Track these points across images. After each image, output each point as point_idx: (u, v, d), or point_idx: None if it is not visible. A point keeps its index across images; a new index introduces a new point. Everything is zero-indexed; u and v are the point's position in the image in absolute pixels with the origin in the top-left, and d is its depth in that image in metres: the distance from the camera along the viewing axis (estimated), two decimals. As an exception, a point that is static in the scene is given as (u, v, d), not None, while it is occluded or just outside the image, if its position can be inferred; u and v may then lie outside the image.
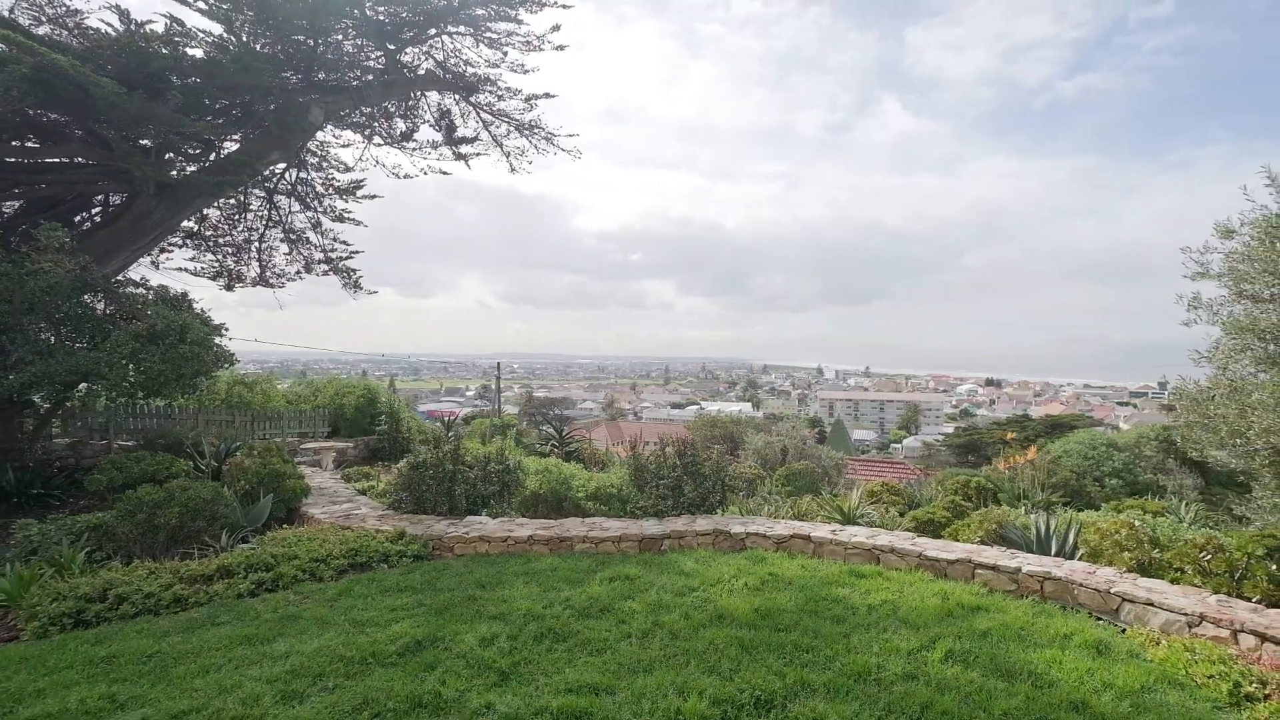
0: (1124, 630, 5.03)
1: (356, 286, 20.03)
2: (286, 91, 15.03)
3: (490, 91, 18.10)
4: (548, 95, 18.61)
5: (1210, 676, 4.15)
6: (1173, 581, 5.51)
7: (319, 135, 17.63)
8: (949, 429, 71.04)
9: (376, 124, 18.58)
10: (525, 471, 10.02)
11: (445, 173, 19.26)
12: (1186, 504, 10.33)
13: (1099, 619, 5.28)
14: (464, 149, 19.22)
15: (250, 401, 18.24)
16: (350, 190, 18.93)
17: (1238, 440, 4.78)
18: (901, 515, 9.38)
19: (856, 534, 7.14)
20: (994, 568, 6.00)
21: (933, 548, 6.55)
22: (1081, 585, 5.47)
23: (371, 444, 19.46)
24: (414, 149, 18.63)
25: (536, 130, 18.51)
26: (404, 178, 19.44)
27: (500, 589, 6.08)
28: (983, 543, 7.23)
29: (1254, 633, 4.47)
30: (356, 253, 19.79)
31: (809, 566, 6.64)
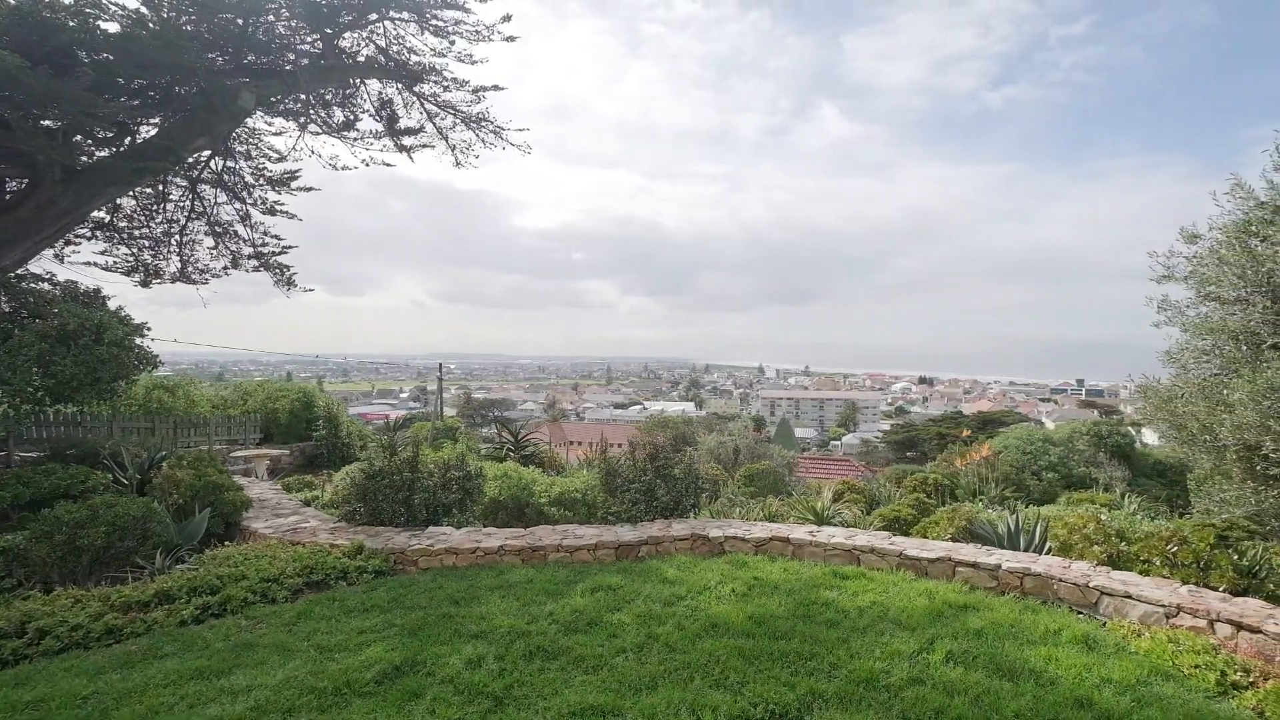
0: (1104, 624, 5.15)
1: (290, 284, 18.90)
2: (213, 73, 13.97)
3: (435, 82, 17.38)
4: (497, 88, 18.03)
5: (1196, 667, 4.27)
6: (1142, 573, 5.71)
7: (250, 122, 16.53)
8: (885, 426, 73.72)
9: (312, 112, 17.57)
10: (485, 478, 9.61)
11: (389, 164, 18.39)
12: (1131, 497, 10.91)
13: (1079, 613, 5.40)
14: (407, 141, 18.39)
15: (172, 407, 16.98)
16: (283, 181, 17.82)
17: (1206, 437, 4.97)
18: (866, 513, 9.48)
19: (835, 535, 7.13)
20: (974, 565, 6.07)
21: (912, 547, 6.59)
22: (1060, 580, 5.59)
23: (308, 451, 18.45)
24: (355, 139, 17.73)
25: (484, 123, 17.89)
26: (342, 169, 18.50)
27: (476, 605, 5.72)
28: (953, 540, 7.34)
29: (1229, 621, 4.64)
30: (290, 248, 18.67)
31: (791, 569, 6.56)
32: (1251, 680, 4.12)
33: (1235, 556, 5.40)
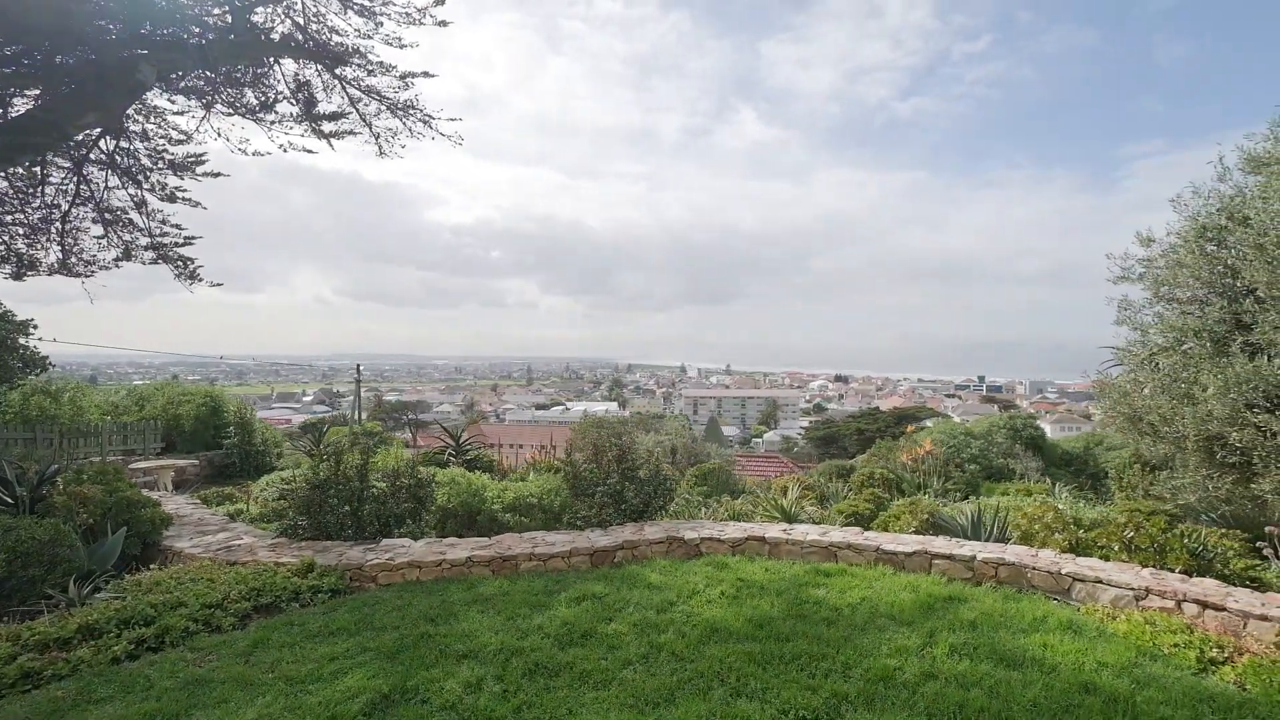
0: (1079, 608, 5.40)
1: (193, 278, 17.26)
2: (106, 43, 12.56)
3: (359, 65, 16.38)
4: (426, 74, 17.16)
5: (1176, 646, 4.52)
6: (1102, 558, 6.04)
7: (150, 99, 15.00)
8: (804, 423, 76.39)
9: (220, 91, 16.16)
10: (438, 485, 9.09)
11: (310, 151, 17.13)
12: (1060, 486, 11.65)
13: (1053, 599, 5.64)
14: (327, 127, 17.25)
15: (56, 414, 15.18)
16: (186, 165, 16.28)
17: (1167, 429, 5.30)
18: (821, 509, 9.64)
19: (810, 532, 7.17)
20: (949, 557, 6.24)
21: (887, 542, 6.71)
22: (1033, 569, 5.83)
23: (217, 460, 17.00)
24: (272, 122, 16.45)
25: (413, 111, 17.03)
26: (254, 154, 17.12)
27: (455, 622, 5.33)
28: (918, 532, 7.56)
29: (1195, 601, 4.95)
30: (194, 238, 17.11)
31: (772, 569, 6.53)
32: (1227, 656, 4.39)
33: (1185, 540, 5.80)
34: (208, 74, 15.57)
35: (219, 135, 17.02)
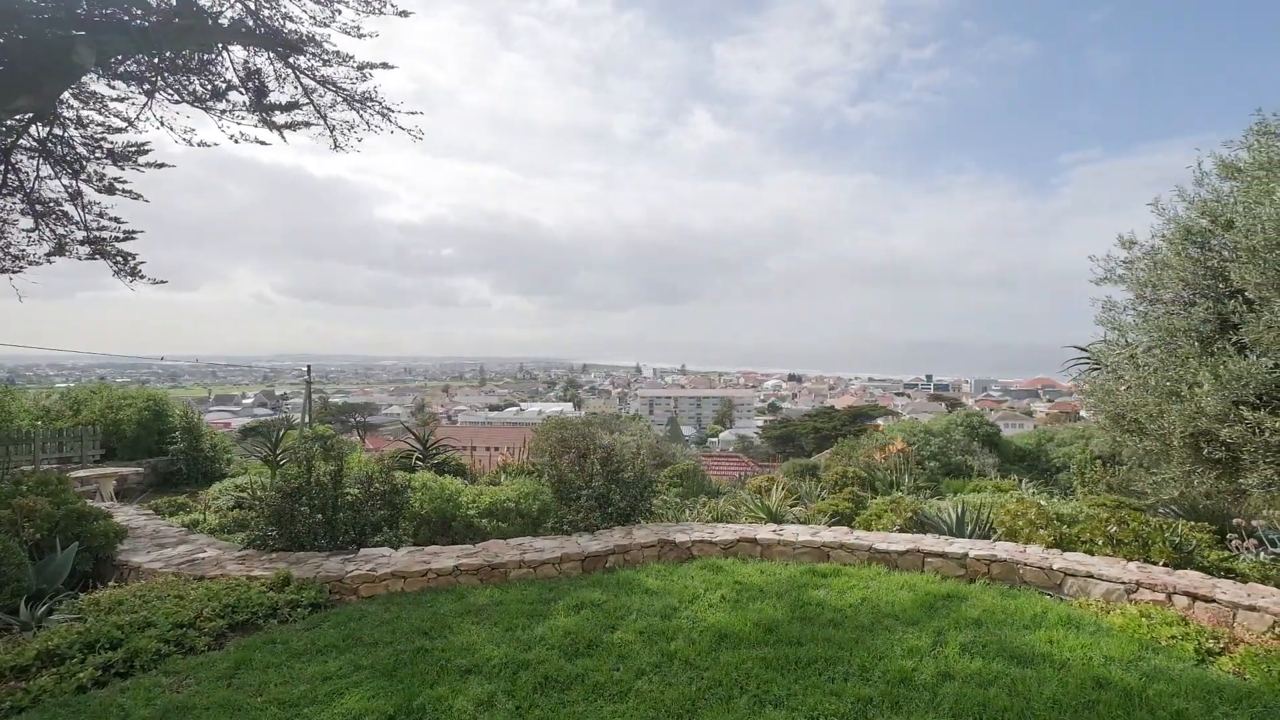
0: (1074, 603, 5.52)
1: (134, 274, 16.22)
2: (39, 21, 11.67)
3: (314, 54, 15.69)
4: (385, 66, 16.56)
5: (1173, 638, 4.65)
6: (1087, 553, 6.20)
7: (90, 84, 14.03)
8: (759, 422, 77.41)
9: (164, 77, 15.23)
10: (413, 491, 8.75)
11: (263, 142, 16.38)
12: (1024, 482, 12.02)
13: (1046, 594, 5.76)
14: (279, 118, 16.46)
15: (-19, 420, 14.11)
16: (127, 155, 15.30)
17: (1152, 426, 5.47)
18: (805, 508, 9.68)
19: (800, 533, 7.16)
20: (942, 555, 6.31)
21: (879, 541, 6.75)
22: (1026, 564, 5.94)
23: (162, 467, 16.08)
24: (223, 111, 15.58)
25: (371, 103, 16.42)
26: (200, 145, 16.21)
27: (451, 635, 5.09)
28: (902, 530, 7.64)
29: (1185, 593, 5.12)
30: (134, 233, 16.07)
31: (768, 571, 6.49)
32: (1223, 647, 4.54)
33: (1165, 533, 6.00)
34: (150, 59, 14.66)
35: (161, 124, 16.01)
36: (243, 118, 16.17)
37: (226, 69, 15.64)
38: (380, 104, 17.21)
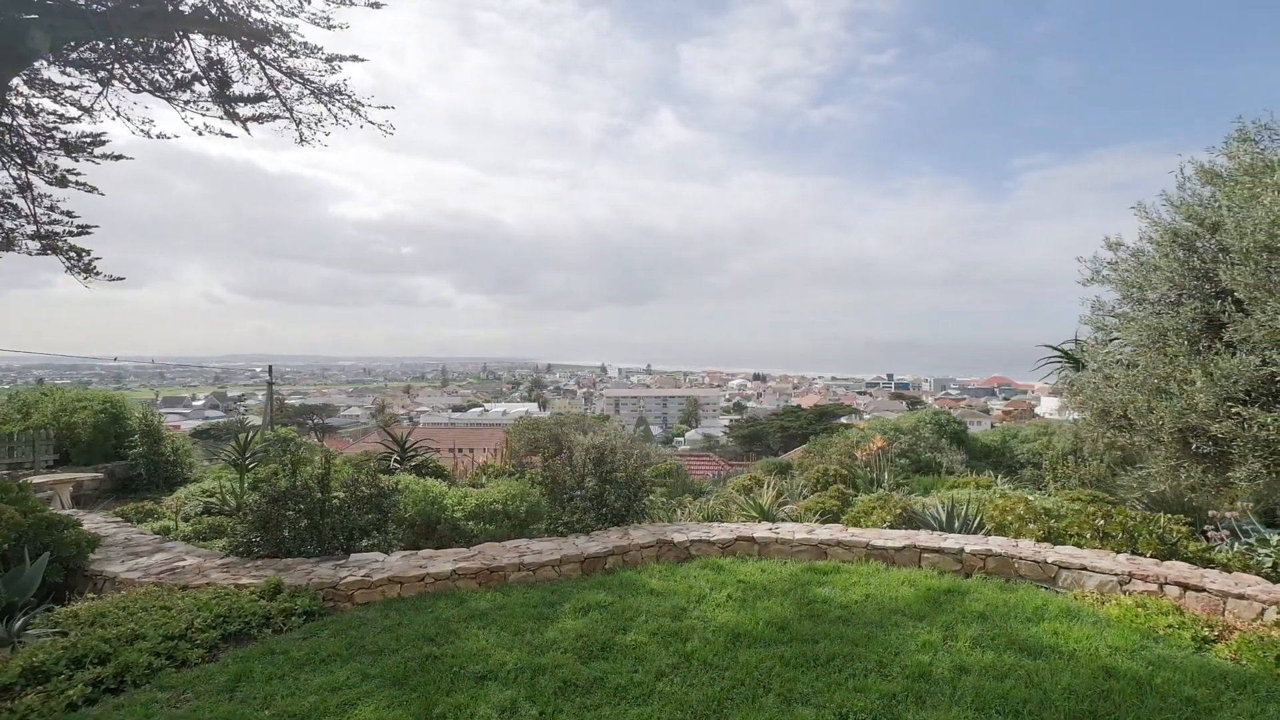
0: (1071, 595, 5.67)
1: (89, 271, 15.46)
2: (-12, 4, 11.01)
3: (281, 45, 15.15)
4: (356, 58, 16.08)
5: (1170, 627, 4.82)
6: (1077, 546, 6.39)
7: (43, 71, 13.30)
8: (725, 421, 77.99)
9: (123, 65, 14.53)
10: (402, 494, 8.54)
11: (228, 135, 15.74)
12: (999, 478, 12.33)
13: (1041, 587, 5.91)
14: (243, 110, 15.85)
15: (-77, 424, 13.33)
16: (81, 146, 14.57)
17: (1141, 422, 5.67)
18: (794, 506, 9.76)
19: (796, 531, 7.21)
20: (938, 551, 6.43)
21: (875, 538, 6.84)
22: (1021, 558, 6.09)
23: (120, 472, 15.41)
24: (186, 102, 14.92)
25: (340, 96, 15.92)
26: (159, 137, 15.51)
27: (458, 640, 4.97)
28: (892, 526, 7.77)
29: (1177, 583, 5.31)
30: (89, 227, 15.34)
31: (768, 569, 6.52)
32: (1218, 634, 4.72)
33: (1150, 526, 6.23)
34: (107, 45, 13.97)
35: (118, 114, 15.27)
36: (207, 109, 15.51)
37: (187, 58, 14.97)
38: (350, 97, 16.69)
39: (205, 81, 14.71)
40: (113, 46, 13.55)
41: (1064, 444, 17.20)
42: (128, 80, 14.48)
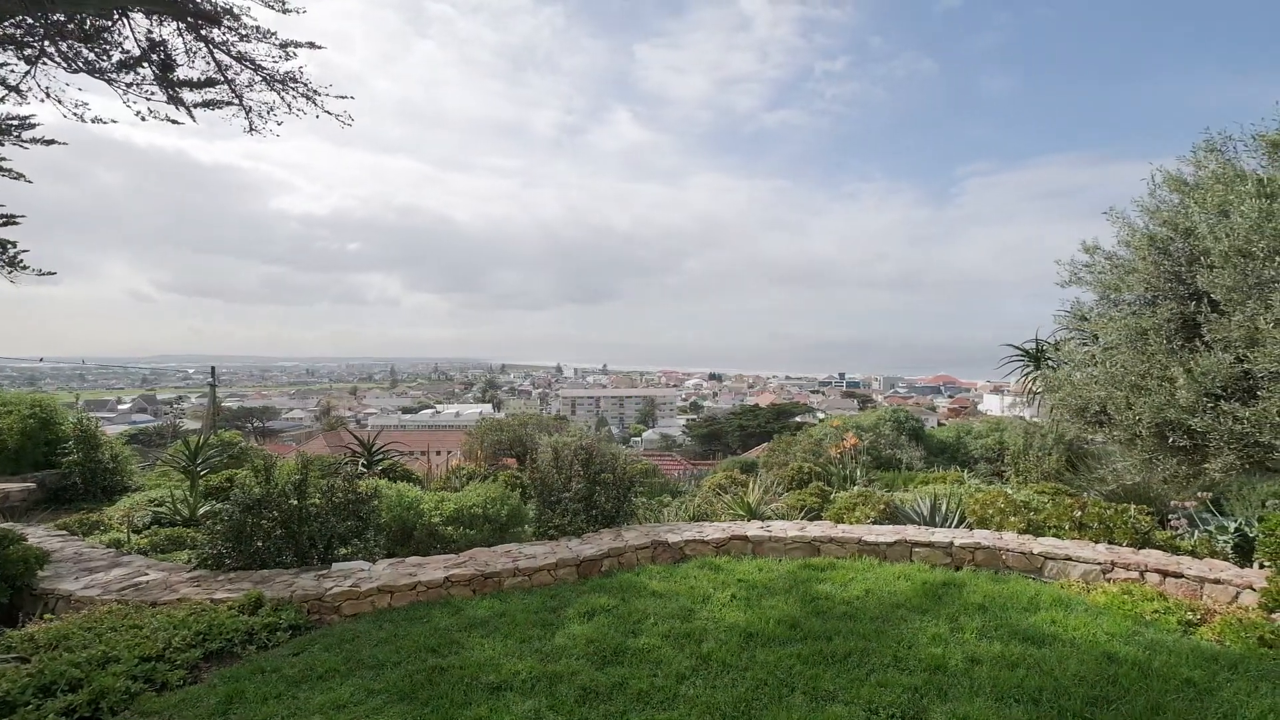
0: (1059, 585, 5.88)
1: (14, 265, 14.41)
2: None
3: (231, 28, 14.41)
4: (312, 45, 15.43)
5: (1156, 613, 5.04)
6: (1057, 538, 6.64)
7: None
8: (682, 421, 78.49)
9: (51, 43, 13.57)
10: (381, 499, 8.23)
11: (175, 121, 14.88)
12: (966, 473, 12.73)
13: (1028, 577, 6.12)
14: (189, 95, 15.02)
15: None
16: (8, 129, 13.54)
17: (1120, 417, 5.93)
18: (778, 504, 9.85)
19: (788, 529, 7.27)
20: (929, 545, 6.58)
21: (866, 533, 6.96)
22: (1008, 550, 6.29)
23: (51, 481, 14.38)
24: (129, 84, 14.02)
25: (295, 84, 15.24)
26: (95, 121, 14.54)
27: (462, 650, 4.80)
28: (876, 522, 7.91)
29: (1156, 571, 5.57)
30: (15, 218, 14.28)
31: (765, 568, 6.54)
32: (1201, 618, 4.97)
33: (1123, 517, 6.52)
34: (37, 21, 13.02)
35: (47, 95, 14.24)
36: (152, 93, 14.60)
37: (126, 38, 14.05)
38: (306, 85, 15.98)
39: (146, 64, 13.86)
40: (43, 22, 12.63)
41: (1015, 439, 17.90)
42: (60, 60, 13.50)
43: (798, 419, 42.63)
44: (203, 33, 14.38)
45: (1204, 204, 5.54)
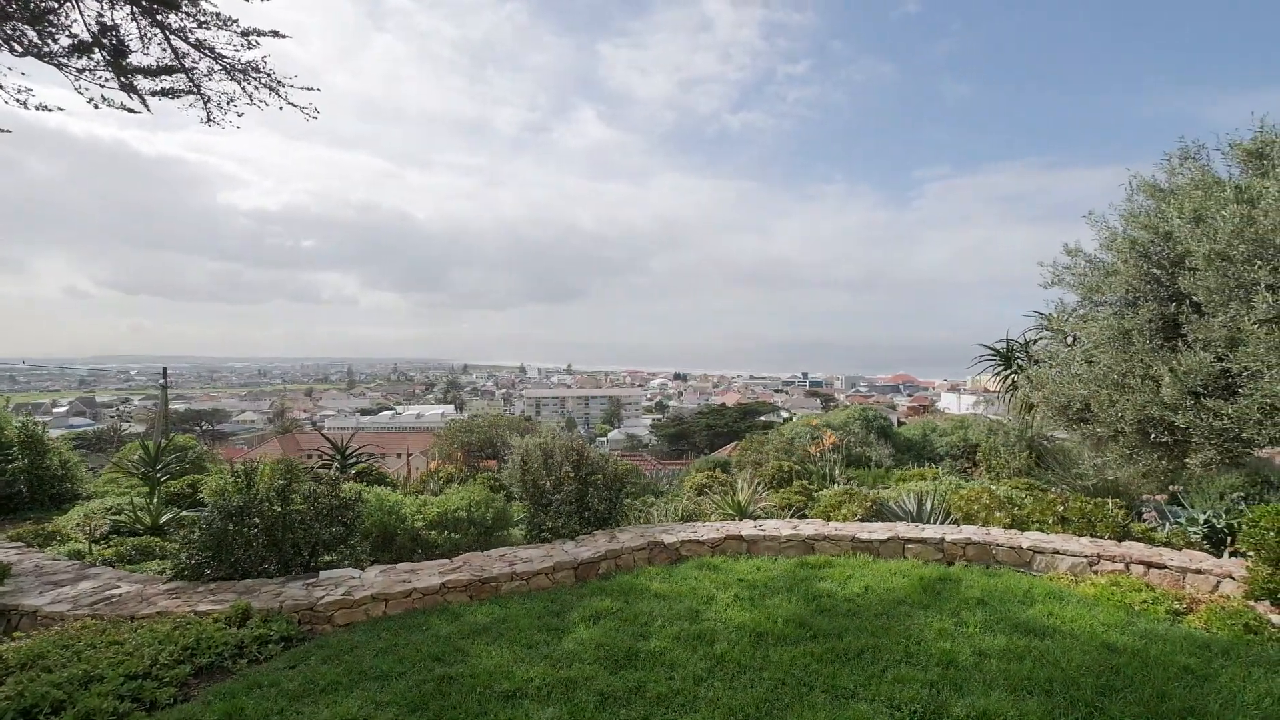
0: (1047, 577, 6.05)
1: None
2: None
3: (190, 13, 13.80)
4: (277, 34, 14.89)
5: (1145, 603, 5.23)
6: (1040, 531, 6.84)
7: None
8: (648, 421, 78.59)
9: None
10: (366, 504, 8.00)
11: (132, 110, 14.19)
12: (938, 470, 13.03)
13: (1018, 570, 6.28)
14: (143, 83, 14.32)
15: None
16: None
17: (1103, 415, 6.14)
18: (767, 503, 9.91)
19: (781, 528, 7.32)
20: (921, 541, 6.70)
21: (858, 531, 7.05)
22: (997, 545, 6.45)
23: (-11, 490, 13.59)
24: (81, 69, 13.30)
25: (257, 74, 14.67)
26: (40, 109, 13.79)
27: (469, 659, 4.68)
28: (863, 519, 8.04)
29: (1141, 562, 5.78)
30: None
31: (762, 567, 6.57)
32: (1187, 606, 5.17)
33: (1101, 511, 6.75)
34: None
35: (-12, 81, 13.47)
36: (106, 80, 13.90)
37: (74, 21, 13.35)
38: (269, 76, 15.41)
39: (97, 47, 13.14)
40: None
41: (981, 437, 18.41)
42: (3, 43, 12.75)
43: (764, 418, 43.12)
44: (158, 18, 13.76)
45: (1182, 209, 5.77)
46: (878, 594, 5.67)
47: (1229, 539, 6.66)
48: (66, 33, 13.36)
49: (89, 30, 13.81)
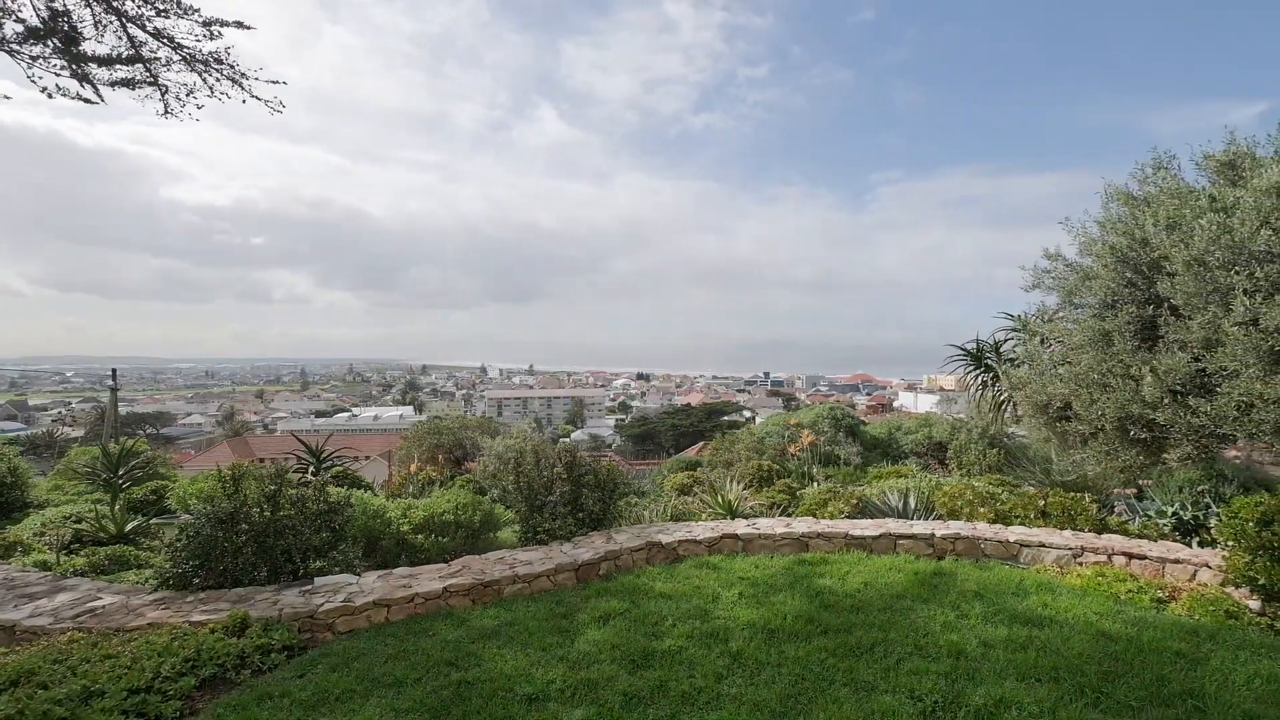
0: (1035, 569, 6.30)
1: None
2: None
3: (148, 1, 13.28)
4: (240, 25, 14.46)
5: (1130, 592, 5.49)
6: (1022, 525, 7.12)
7: None
8: (611, 421, 78.51)
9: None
10: (354, 509, 7.83)
11: (89, 100, 13.57)
12: (914, 467, 13.39)
13: (1006, 564, 6.52)
14: (98, 72, 13.73)
15: None
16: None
17: (1085, 413, 6.43)
18: (756, 502, 10.05)
19: (775, 526, 7.44)
20: (912, 537, 6.90)
21: (851, 528, 7.21)
22: (986, 539, 6.68)
23: (-61, 499, 12.88)
24: (34, 57, 12.65)
25: (219, 66, 14.22)
26: (-14, 99, 13.06)
27: (483, 663, 4.65)
28: (850, 516, 8.23)
29: (1123, 554, 6.07)
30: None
31: (760, 565, 6.66)
32: (1169, 595, 5.46)
33: (1079, 505, 7.07)
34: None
35: (-74, 67, 12.73)
36: (60, 68, 13.30)
37: (22, 5, 12.73)
38: (233, 68, 14.93)
39: (48, 34, 12.52)
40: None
41: (945, 435, 18.96)
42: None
43: (729, 418, 43.53)
44: (114, 4, 13.18)
45: (1156, 217, 6.08)
46: (877, 589, 5.82)
47: (1195, 530, 7.05)
48: (14, 17, 12.67)
49: (38, 15, 13.13)
